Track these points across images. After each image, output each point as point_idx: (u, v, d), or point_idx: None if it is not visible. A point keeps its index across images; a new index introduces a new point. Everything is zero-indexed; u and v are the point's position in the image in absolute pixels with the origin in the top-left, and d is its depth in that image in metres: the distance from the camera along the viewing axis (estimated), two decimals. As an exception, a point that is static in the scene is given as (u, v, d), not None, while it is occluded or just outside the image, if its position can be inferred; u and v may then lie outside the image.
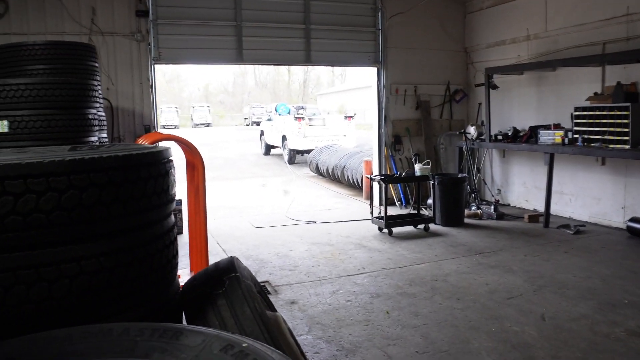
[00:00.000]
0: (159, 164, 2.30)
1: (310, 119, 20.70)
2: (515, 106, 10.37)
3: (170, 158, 2.45)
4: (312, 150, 17.86)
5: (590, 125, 7.95)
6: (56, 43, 6.40)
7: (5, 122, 4.66)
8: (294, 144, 20.26)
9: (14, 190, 1.86)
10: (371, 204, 9.28)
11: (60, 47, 6.24)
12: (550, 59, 9.11)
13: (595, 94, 8.28)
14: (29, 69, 5.88)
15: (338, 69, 69.16)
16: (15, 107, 4.73)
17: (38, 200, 1.88)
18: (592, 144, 7.87)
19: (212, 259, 6.30)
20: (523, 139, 9.42)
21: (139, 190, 2.16)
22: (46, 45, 6.15)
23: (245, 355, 1.55)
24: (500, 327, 4.74)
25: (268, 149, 24.13)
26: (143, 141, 5.20)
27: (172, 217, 2.54)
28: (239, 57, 9.73)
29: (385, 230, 8.44)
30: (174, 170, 2.48)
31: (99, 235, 2.06)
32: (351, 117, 21.33)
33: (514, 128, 9.76)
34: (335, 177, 14.44)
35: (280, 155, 22.51)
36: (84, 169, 1.97)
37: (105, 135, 6.37)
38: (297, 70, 70.03)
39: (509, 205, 10.62)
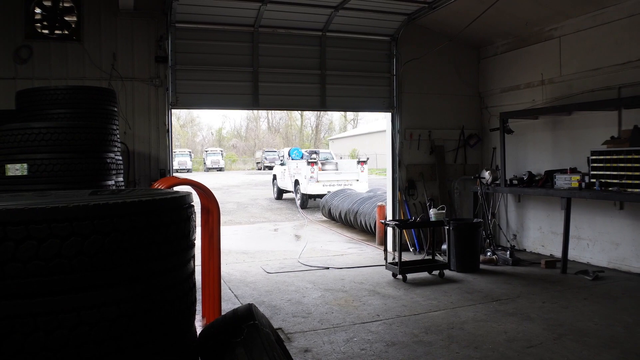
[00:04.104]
0: (181, 209, 2.29)
1: (323, 164, 20.73)
2: (530, 151, 10.36)
3: (192, 203, 2.44)
4: (325, 194, 17.83)
5: (608, 169, 7.90)
6: (77, 88, 6.50)
7: (25, 165, 4.70)
8: (307, 188, 20.25)
9: (37, 235, 1.84)
10: (385, 250, 9.20)
11: (80, 91, 6.34)
12: (566, 103, 9.14)
13: (612, 137, 8.24)
14: (51, 113, 5.96)
15: (350, 114, 69.96)
16: (35, 150, 4.78)
17: (61, 245, 1.86)
18: (610, 188, 7.81)
19: (224, 305, 6.25)
20: (539, 184, 9.37)
21: (161, 235, 2.14)
22: (67, 89, 6.24)
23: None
24: (522, 378, 4.61)
25: (280, 193, 24.12)
26: (159, 185, 5.20)
27: (192, 263, 2.51)
28: (255, 102, 9.86)
29: (400, 276, 8.32)
30: (195, 215, 2.46)
31: (119, 281, 2.03)
32: (364, 161, 21.35)
33: (530, 172, 9.72)
34: (348, 222, 14.37)
35: (292, 200, 22.50)
36: (108, 214, 1.96)
37: (121, 178, 6.38)
38: (310, 115, 70.65)
39: (524, 250, 10.48)
